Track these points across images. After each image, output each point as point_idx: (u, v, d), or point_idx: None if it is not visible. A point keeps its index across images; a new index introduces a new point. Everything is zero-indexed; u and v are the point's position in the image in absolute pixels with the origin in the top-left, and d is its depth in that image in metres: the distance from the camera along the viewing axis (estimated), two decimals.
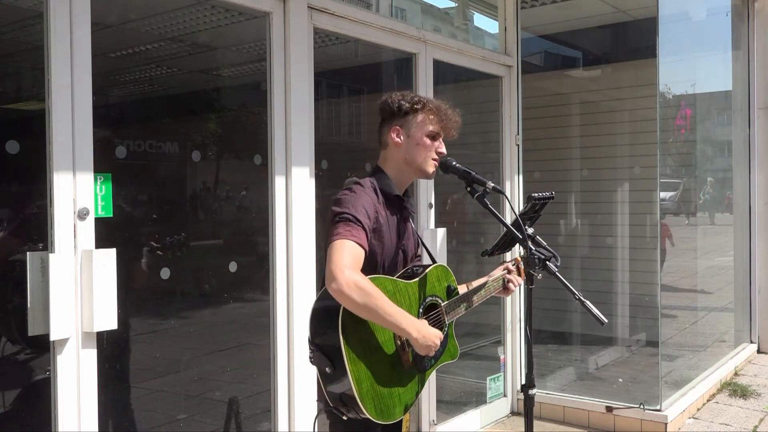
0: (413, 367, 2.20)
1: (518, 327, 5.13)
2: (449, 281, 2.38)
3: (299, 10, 3.37)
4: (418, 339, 2.08)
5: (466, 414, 4.73)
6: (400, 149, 2.33)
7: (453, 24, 5.29)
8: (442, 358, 2.35)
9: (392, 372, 2.12)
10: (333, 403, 2.08)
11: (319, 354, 2.06)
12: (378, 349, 2.09)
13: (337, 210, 2.13)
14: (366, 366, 2.03)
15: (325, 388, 2.08)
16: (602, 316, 2.14)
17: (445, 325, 2.33)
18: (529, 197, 2.53)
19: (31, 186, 2.66)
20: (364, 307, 1.97)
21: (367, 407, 2.01)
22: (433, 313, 2.30)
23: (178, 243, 3.09)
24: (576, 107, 6.77)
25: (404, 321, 2.05)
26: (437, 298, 2.32)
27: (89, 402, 2.51)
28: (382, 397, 2.07)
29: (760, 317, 6.93)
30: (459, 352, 2.43)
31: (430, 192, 4.28)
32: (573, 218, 6.77)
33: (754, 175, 6.92)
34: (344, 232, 2.06)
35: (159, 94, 3.81)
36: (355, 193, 2.19)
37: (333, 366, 2.01)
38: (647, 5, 5.00)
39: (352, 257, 2.02)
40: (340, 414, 2.09)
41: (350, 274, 1.96)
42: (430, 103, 2.36)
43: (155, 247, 3.03)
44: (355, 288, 1.95)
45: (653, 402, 4.65)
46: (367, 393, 2.02)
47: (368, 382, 2.03)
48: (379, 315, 2.00)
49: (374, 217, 2.18)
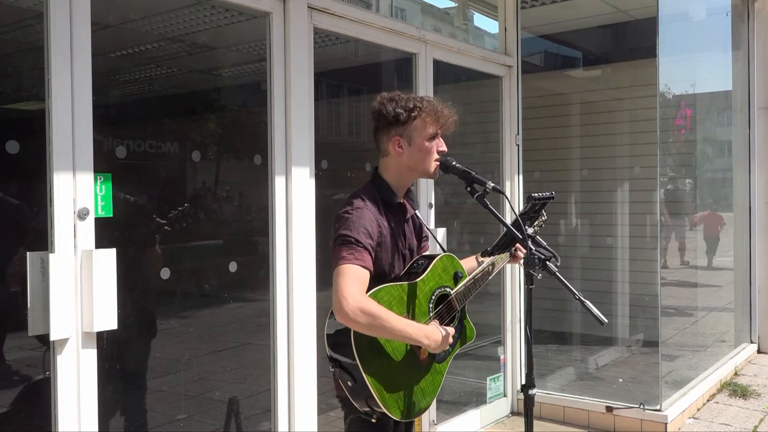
0: (430, 361, 2.29)
1: (518, 327, 5.13)
2: (456, 268, 2.42)
3: (299, 10, 3.37)
4: (430, 345, 2.18)
5: (466, 414, 4.73)
6: (402, 157, 2.32)
7: (453, 24, 5.29)
8: (458, 345, 2.42)
9: (410, 372, 2.22)
10: (361, 408, 2.18)
11: (339, 370, 2.17)
12: (392, 355, 2.17)
13: (339, 231, 2.16)
14: (384, 375, 2.12)
15: (351, 397, 2.18)
16: (602, 316, 2.14)
17: (457, 311, 2.39)
18: (529, 197, 2.54)
19: (31, 186, 2.65)
20: (372, 328, 2.07)
21: (392, 411, 2.14)
22: (444, 303, 2.35)
23: (183, 215, 3.12)
24: (576, 107, 6.77)
25: (413, 332, 2.13)
26: (446, 288, 2.36)
27: (89, 402, 2.51)
28: (405, 398, 2.18)
29: (760, 317, 6.93)
30: (475, 332, 2.49)
31: (431, 192, 4.27)
32: (573, 218, 6.77)
33: (754, 175, 6.92)
34: (348, 255, 2.11)
35: (159, 94, 3.81)
36: (357, 209, 2.20)
37: (354, 380, 2.12)
38: (647, 5, 4.99)
39: (357, 282, 2.09)
40: (369, 418, 2.19)
41: (354, 301, 2.04)
42: (426, 104, 2.31)
43: (161, 224, 3.04)
44: (360, 314, 2.03)
45: (653, 402, 4.65)
46: (390, 398, 2.13)
47: (390, 389, 2.13)
48: (388, 332, 2.09)
49: (377, 233, 2.21)
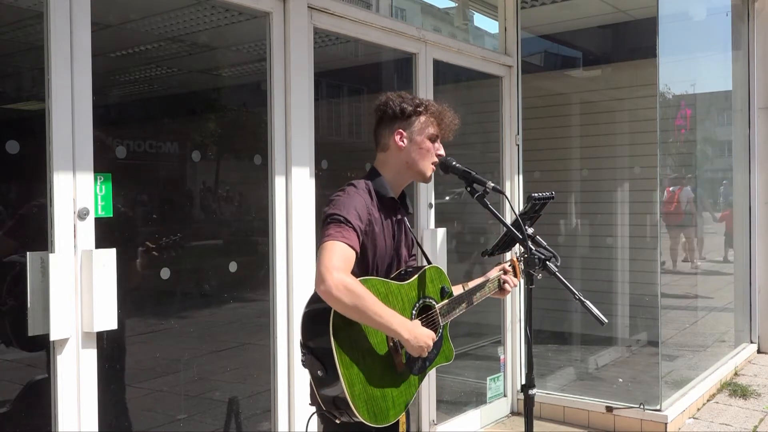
0: (407, 370, 2.17)
1: (518, 327, 5.13)
2: (443, 282, 2.36)
3: (299, 10, 3.37)
4: (409, 340, 2.06)
5: (466, 414, 4.73)
6: (402, 152, 2.31)
7: (453, 24, 5.29)
8: (437, 360, 2.31)
9: (385, 374, 2.10)
10: (326, 407, 2.06)
11: (311, 357, 2.03)
12: (370, 351, 2.06)
13: (328, 211, 2.12)
14: (358, 369, 2.00)
15: (318, 392, 2.05)
16: (602, 316, 2.14)
17: (440, 327, 2.30)
18: (529, 197, 2.54)
19: (31, 186, 2.66)
20: (353, 308, 1.95)
21: (359, 410, 1.99)
22: (427, 315, 2.27)
23: (174, 244, 3.07)
24: (576, 107, 6.77)
25: (395, 322, 2.03)
26: (431, 300, 2.29)
27: (89, 402, 2.51)
28: (375, 399, 2.04)
29: (760, 317, 6.93)
30: (454, 354, 2.39)
31: (430, 192, 4.28)
32: (573, 218, 6.77)
33: (754, 175, 6.92)
34: (335, 233, 2.04)
35: (159, 94, 3.81)
36: (348, 194, 2.18)
37: (325, 369, 1.99)
38: (647, 5, 4.99)
39: (342, 259, 2.00)
40: (333, 417, 2.07)
41: (339, 275, 1.95)
42: (432, 105, 2.34)
43: (150, 248, 3.02)
44: (344, 290, 1.93)
45: (653, 402, 4.65)
46: (359, 396, 2.00)
47: (360, 386, 2.01)
48: (368, 317, 1.98)
49: (367, 218, 2.16)
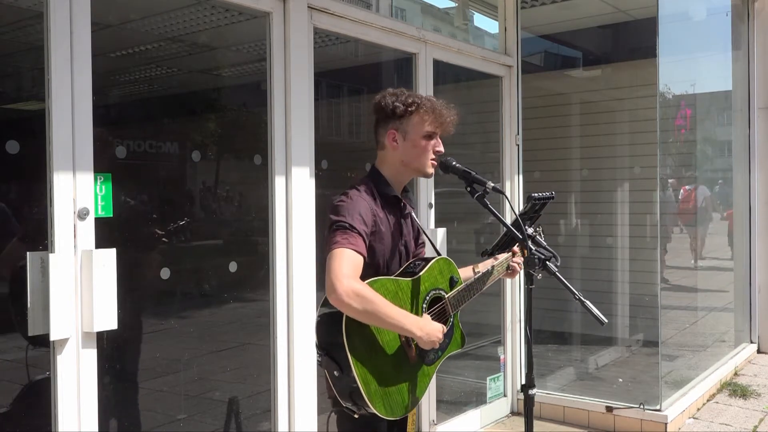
0: (419, 362, 2.25)
1: (518, 327, 5.13)
2: (452, 273, 2.41)
3: (299, 10, 3.37)
4: (422, 337, 2.14)
5: (466, 414, 4.73)
6: (397, 152, 2.33)
7: (453, 24, 5.29)
8: (449, 348, 2.39)
9: (399, 369, 2.17)
10: (344, 403, 2.13)
11: (327, 358, 2.12)
12: (383, 348, 2.13)
13: (333, 218, 2.16)
14: (372, 366, 2.08)
15: (336, 390, 2.13)
16: (602, 316, 2.14)
17: (450, 316, 2.37)
18: (529, 197, 2.54)
19: (31, 186, 2.66)
20: (365, 313, 2.02)
21: (376, 406, 2.08)
22: (438, 306, 2.33)
23: (182, 228, 3.12)
24: (576, 107, 6.76)
25: (406, 321, 2.10)
26: (441, 291, 2.35)
27: (89, 402, 2.51)
28: (391, 394, 2.13)
29: (760, 317, 6.93)
30: (466, 340, 2.46)
31: (431, 192, 4.27)
32: (573, 218, 6.77)
33: (754, 175, 6.92)
34: (342, 240, 2.09)
35: (159, 94, 3.81)
36: (351, 199, 2.21)
37: (341, 369, 2.07)
38: (647, 5, 4.99)
39: (351, 265, 2.06)
40: (352, 413, 2.14)
41: (348, 283, 2.01)
42: (425, 102, 2.33)
43: (160, 235, 3.05)
44: (354, 296, 2.00)
45: (653, 402, 4.65)
46: (375, 393, 2.08)
47: (376, 382, 2.08)
48: (380, 319, 2.05)
49: (372, 221, 2.21)
